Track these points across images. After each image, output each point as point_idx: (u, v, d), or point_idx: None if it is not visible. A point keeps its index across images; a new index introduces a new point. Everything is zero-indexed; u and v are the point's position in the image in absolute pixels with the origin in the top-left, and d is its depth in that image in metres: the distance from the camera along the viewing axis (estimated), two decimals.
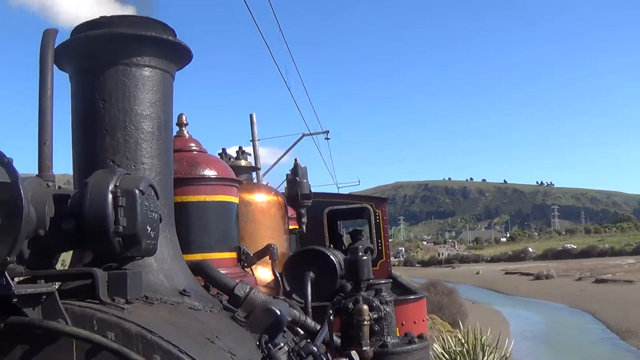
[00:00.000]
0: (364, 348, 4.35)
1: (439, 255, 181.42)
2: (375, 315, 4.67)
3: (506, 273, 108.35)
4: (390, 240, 13.93)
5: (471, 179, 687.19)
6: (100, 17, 3.76)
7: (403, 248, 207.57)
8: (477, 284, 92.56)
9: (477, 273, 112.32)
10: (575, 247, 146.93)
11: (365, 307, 4.43)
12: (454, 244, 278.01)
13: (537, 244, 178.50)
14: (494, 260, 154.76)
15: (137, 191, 3.02)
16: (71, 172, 3.87)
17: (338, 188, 54.50)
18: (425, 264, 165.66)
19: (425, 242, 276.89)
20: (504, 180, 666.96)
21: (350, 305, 4.55)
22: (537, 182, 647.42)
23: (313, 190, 9.46)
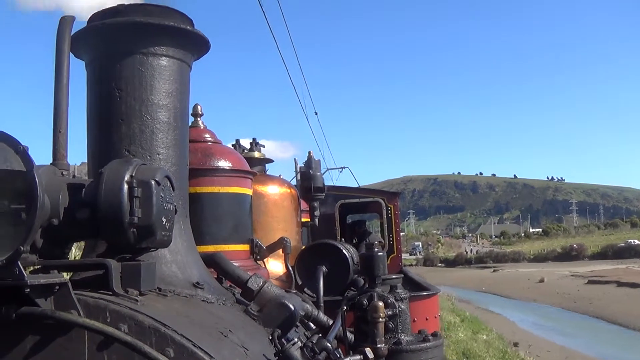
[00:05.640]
0: (379, 345, 4.31)
1: (466, 253, 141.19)
2: (390, 312, 4.64)
3: (590, 282, 64.20)
4: (402, 233, 13.87)
5: (481, 173, 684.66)
6: (118, 5, 3.73)
7: (420, 243, 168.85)
8: (564, 305, 50.20)
9: (542, 281, 69.36)
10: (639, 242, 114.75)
11: (381, 303, 4.38)
12: (476, 238, 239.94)
13: (581, 239, 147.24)
14: (538, 259, 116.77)
15: (153, 182, 2.98)
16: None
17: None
18: (449, 263, 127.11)
19: (441, 237, 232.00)
20: (514, 175, 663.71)
21: (365, 302, 4.51)
22: (547, 177, 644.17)
23: None
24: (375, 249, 4.82)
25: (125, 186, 2.93)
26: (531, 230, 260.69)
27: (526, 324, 40.14)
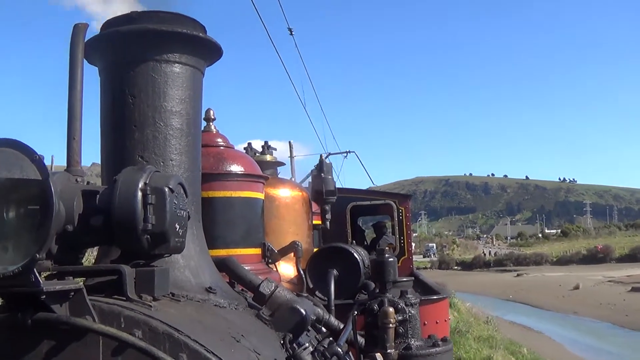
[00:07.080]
0: (389, 350, 4.33)
1: (484, 255, 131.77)
2: (400, 318, 4.66)
3: (634, 289, 54.53)
4: (415, 234, 13.87)
5: (492, 174, 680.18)
6: (132, 12, 3.76)
7: (434, 244, 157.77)
8: (614, 320, 41.83)
9: (576, 288, 60.91)
10: None
11: (391, 309, 4.41)
12: (491, 239, 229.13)
13: (603, 240, 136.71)
14: (562, 262, 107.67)
15: (166, 189, 3.01)
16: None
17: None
18: (466, 266, 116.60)
19: (456, 238, 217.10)
20: (526, 176, 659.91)
21: (376, 307, 4.54)
22: (559, 179, 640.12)
23: None
24: (386, 255, 4.84)
25: (139, 193, 2.96)
26: (547, 231, 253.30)
27: (577, 347, 32.05)
